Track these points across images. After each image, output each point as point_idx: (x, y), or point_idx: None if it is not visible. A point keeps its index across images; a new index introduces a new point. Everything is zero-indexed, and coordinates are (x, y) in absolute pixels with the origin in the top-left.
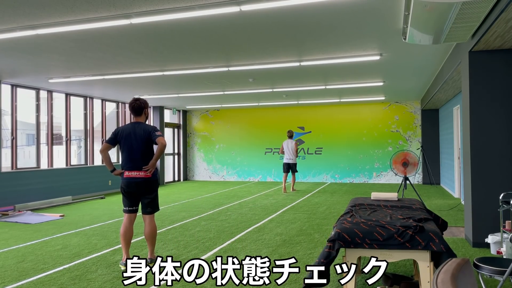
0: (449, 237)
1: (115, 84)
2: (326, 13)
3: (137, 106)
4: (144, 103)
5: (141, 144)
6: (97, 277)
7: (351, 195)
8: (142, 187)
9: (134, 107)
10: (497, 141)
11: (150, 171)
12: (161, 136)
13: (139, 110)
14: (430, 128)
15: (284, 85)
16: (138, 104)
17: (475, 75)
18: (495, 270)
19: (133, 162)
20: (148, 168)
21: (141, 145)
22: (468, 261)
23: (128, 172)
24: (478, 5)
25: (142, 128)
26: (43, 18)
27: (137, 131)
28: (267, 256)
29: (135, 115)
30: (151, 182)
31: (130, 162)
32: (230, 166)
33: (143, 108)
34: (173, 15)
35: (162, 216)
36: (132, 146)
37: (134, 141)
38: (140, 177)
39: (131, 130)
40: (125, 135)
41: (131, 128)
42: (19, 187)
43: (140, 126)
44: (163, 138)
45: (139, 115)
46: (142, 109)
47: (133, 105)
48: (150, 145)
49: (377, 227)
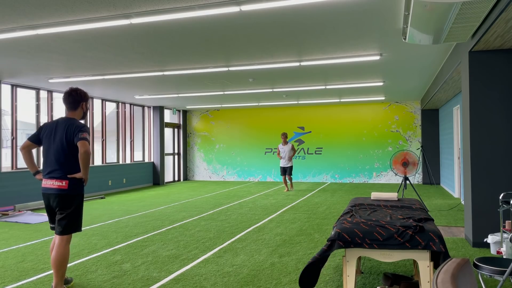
0: (449, 237)
1: (115, 84)
2: (326, 13)
3: (71, 99)
4: (82, 95)
5: (59, 146)
6: (97, 277)
7: (351, 195)
8: (54, 201)
9: (68, 99)
10: (497, 141)
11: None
12: (85, 140)
13: (73, 103)
14: (430, 128)
15: (284, 85)
16: (73, 95)
17: (475, 75)
18: (495, 270)
19: (50, 168)
20: (72, 177)
21: (59, 146)
22: (468, 261)
23: (44, 180)
24: (478, 5)
25: (67, 125)
26: (43, 18)
27: (59, 128)
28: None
29: (68, 108)
30: (66, 196)
31: (47, 168)
32: (230, 166)
33: (79, 102)
34: (173, 15)
35: (162, 216)
36: (50, 148)
37: (52, 141)
38: (53, 188)
39: (53, 127)
40: (47, 133)
41: (54, 125)
42: (19, 187)
43: (66, 123)
44: (86, 143)
45: (74, 110)
46: (78, 103)
47: (67, 96)
48: (73, 147)
49: (377, 227)
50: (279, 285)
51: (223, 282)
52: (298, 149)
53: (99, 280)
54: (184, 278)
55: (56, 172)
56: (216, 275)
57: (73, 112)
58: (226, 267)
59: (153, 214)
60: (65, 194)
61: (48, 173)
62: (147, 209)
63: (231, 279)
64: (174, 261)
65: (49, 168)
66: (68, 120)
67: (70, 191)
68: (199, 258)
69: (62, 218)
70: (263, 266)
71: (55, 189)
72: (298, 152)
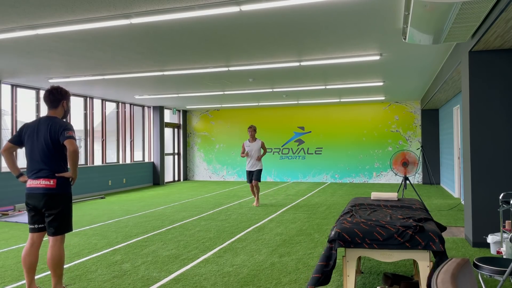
0: (449, 237)
1: (115, 84)
2: (326, 13)
3: (52, 97)
4: (63, 93)
5: (44, 145)
6: (97, 277)
7: (351, 195)
8: (41, 201)
9: (49, 97)
10: (497, 141)
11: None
12: (71, 138)
13: (54, 101)
14: (430, 128)
15: (284, 85)
16: (54, 93)
17: (475, 75)
18: (495, 270)
19: (35, 168)
20: (60, 176)
21: (44, 146)
22: (468, 261)
23: (30, 180)
24: (478, 5)
25: (49, 124)
26: (43, 18)
27: (41, 128)
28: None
29: (49, 107)
30: (55, 195)
31: (32, 168)
32: (230, 166)
33: (60, 100)
34: (173, 15)
35: (162, 216)
36: (33, 148)
37: (36, 140)
38: (40, 187)
39: (35, 127)
40: (28, 133)
41: (36, 124)
42: (19, 187)
43: (48, 122)
44: (73, 141)
45: (55, 108)
46: (59, 101)
47: (47, 95)
48: (59, 146)
49: (377, 227)
50: (279, 285)
51: (223, 282)
52: (298, 149)
53: (99, 280)
54: (184, 278)
55: (43, 172)
56: (216, 275)
57: (54, 110)
58: (226, 267)
59: (153, 214)
60: (53, 193)
61: (34, 173)
62: (147, 209)
63: (231, 279)
64: (174, 261)
65: (35, 168)
66: (50, 118)
67: (58, 190)
68: (199, 258)
69: (53, 220)
70: (263, 266)
71: (43, 188)
72: (298, 152)
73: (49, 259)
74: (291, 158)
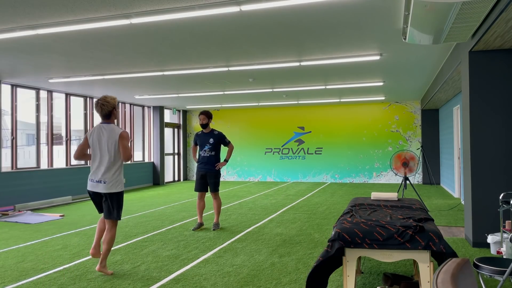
0: (449, 237)
1: (115, 84)
2: (326, 13)
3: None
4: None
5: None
6: (97, 277)
7: (351, 195)
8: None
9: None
10: (497, 141)
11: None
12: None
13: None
14: (430, 128)
15: (284, 85)
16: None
17: (475, 75)
18: (495, 270)
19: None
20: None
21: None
22: (468, 261)
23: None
24: (478, 5)
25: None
26: (43, 18)
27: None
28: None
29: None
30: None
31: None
32: (230, 166)
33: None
34: (173, 15)
35: (162, 216)
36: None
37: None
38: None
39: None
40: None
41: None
42: (19, 187)
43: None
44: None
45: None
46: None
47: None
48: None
49: (377, 227)
50: (279, 285)
51: (223, 282)
52: (298, 149)
53: (99, 280)
54: (184, 278)
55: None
56: (216, 275)
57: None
58: (226, 267)
59: (153, 214)
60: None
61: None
62: (147, 209)
63: (231, 279)
64: (174, 261)
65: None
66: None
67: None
68: (199, 258)
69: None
70: (263, 266)
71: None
72: (298, 152)
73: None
74: (291, 158)
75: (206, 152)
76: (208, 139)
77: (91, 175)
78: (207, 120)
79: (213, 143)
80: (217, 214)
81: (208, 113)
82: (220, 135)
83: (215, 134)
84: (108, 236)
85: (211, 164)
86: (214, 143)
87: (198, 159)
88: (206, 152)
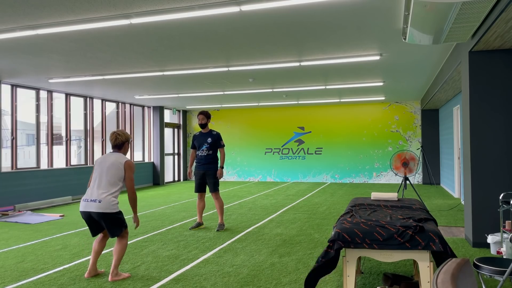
0: (449, 237)
1: (115, 84)
2: (326, 13)
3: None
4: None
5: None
6: (97, 277)
7: (351, 195)
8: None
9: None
10: (497, 141)
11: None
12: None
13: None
14: (430, 128)
15: (284, 85)
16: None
17: (475, 75)
18: (495, 270)
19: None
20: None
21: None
22: (468, 261)
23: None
24: (478, 5)
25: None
26: (43, 18)
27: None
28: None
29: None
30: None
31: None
32: (230, 166)
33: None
34: (173, 15)
35: (162, 216)
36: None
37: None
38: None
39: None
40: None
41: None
42: (19, 187)
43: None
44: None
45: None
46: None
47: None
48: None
49: (377, 227)
50: (279, 285)
51: (223, 282)
52: (298, 149)
53: (99, 280)
54: (184, 278)
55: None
56: (216, 275)
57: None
58: (226, 267)
59: (153, 214)
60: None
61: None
62: (147, 209)
63: (231, 279)
64: (174, 261)
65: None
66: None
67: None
68: (199, 258)
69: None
70: (263, 266)
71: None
72: (298, 152)
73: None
74: (291, 158)
75: (204, 151)
76: (206, 139)
77: (85, 195)
78: (206, 120)
79: (211, 143)
80: (221, 215)
81: (206, 113)
82: (218, 135)
83: (213, 134)
84: (118, 247)
85: (209, 163)
86: (212, 142)
87: (196, 159)
88: (204, 151)
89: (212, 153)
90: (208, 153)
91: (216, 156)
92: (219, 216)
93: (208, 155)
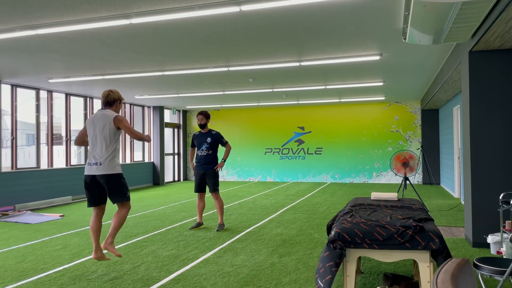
0: (449, 237)
1: (115, 84)
2: (326, 13)
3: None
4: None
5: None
6: (97, 277)
7: (351, 195)
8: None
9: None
10: (497, 141)
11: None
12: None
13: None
14: (430, 128)
15: (284, 85)
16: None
17: (475, 75)
18: (495, 270)
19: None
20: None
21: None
22: (468, 261)
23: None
24: (478, 5)
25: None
26: (43, 18)
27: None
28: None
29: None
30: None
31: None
32: (230, 166)
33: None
34: (173, 15)
35: (162, 216)
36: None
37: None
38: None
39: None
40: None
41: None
42: (19, 187)
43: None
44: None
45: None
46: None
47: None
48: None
49: (377, 227)
50: (279, 285)
51: (223, 282)
52: (298, 149)
53: (99, 280)
54: (184, 278)
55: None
56: (216, 275)
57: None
58: (226, 267)
59: (153, 214)
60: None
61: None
62: (147, 209)
63: (231, 279)
64: (174, 261)
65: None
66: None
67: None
68: (199, 258)
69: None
70: (263, 266)
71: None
72: (298, 152)
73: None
74: (291, 158)
75: (204, 151)
76: (205, 139)
77: (88, 159)
78: (205, 120)
79: (211, 142)
80: (221, 215)
81: (206, 113)
82: (218, 135)
83: (212, 134)
84: (118, 216)
85: (209, 163)
86: (212, 142)
87: (195, 159)
88: (203, 151)
89: (212, 153)
90: (207, 153)
91: (216, 156)
92: (219, 216)
93: (207, 155)
